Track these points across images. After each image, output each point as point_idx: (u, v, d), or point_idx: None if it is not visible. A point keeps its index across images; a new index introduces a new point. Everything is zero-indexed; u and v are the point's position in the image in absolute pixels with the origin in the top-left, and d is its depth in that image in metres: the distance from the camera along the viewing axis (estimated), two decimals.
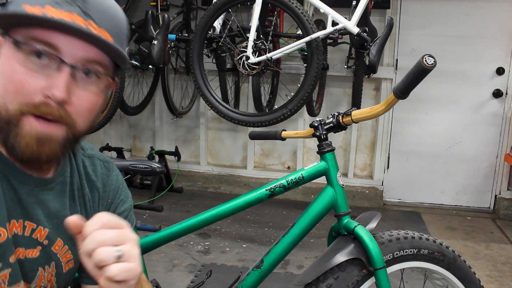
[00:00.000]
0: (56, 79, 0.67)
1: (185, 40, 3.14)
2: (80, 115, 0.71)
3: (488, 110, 3.56)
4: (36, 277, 0.77)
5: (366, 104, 3.50)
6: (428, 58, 0.99)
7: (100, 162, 0.90)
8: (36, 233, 0.76)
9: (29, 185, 0.75)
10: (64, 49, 0.68)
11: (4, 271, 0.71)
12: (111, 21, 0.72)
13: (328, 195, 1.28)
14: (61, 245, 0.80)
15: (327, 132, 1.31)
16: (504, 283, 2.44)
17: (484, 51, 3.47)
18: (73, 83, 0.69)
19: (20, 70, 0.67)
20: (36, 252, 0.76)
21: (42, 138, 0.68)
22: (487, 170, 3.64)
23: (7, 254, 0.71)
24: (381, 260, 1.15)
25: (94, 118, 0.76)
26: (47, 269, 0.78)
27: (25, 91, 0.67)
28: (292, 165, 3.97)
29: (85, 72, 0.70)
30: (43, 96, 0.67)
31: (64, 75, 0.67)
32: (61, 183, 0.81)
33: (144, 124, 4.17)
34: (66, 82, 0.67)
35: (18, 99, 0.67)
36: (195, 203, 3.54)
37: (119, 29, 0.74)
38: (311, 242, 2.79)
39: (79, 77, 0.70)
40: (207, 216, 1.30)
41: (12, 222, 0.72)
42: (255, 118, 2.55)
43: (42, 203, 0.77)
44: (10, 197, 0.72)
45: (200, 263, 2.51)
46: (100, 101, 0.75)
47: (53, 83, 0.67)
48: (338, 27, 2.31)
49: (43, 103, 0.67)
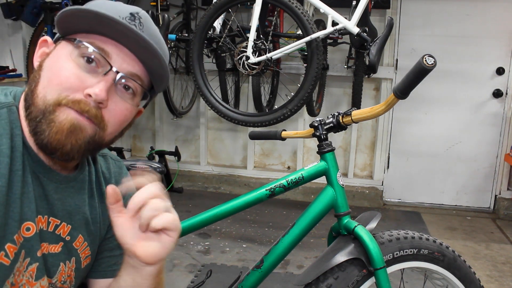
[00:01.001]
0: (100, 82, 0.71)
1: (185, 40, 3.14)
2: (112, 122, 0.75)
3: (488, 110, 3.56)
4: (58, 272, 0.79)
5: (366, 104, 3.50)
6: (428, 58, 0.99)
7: (112, 161, 0.93)
8: (59, 229, 0.78)
9: (55, 182, 0.77)
10: (115, 58, 0.73)
11: (32, 266, 0.74)
12: (161, 48, 0.76)
13: (328, 195, 1.28)
14: (82, 241, 0.82)
15: (327, 132, 1.31)
16: (504, 283, 2.44)
17: (484, 51, 3.47)
18: (114, 90, 0.74)
19: (69, 66, 0.71)
20: (58, 247, 0.79)
21: (73, 127, 0.70)
22: (487, 170, 3.64)
23: (35, 248, 0.73)
24: (381, 260, 1.15)
25: (121, 130, 0.79)
26: (68, 264, 0.81)
27: (68, 86, 0.70)
28: (292, 165, 3.97)
29: (125, 87, 0.75)
30: (84, 95, 0.70)
31: (108, 79, 0.72)
32: (81, 181, 0.83)
33: (144, 124, 4.17)
34: (109, 85, 0.72)
35: (59, 91, 0.70)
36: (195, 203, 3.54)
37: (165, 58, 0.79)
38: (311, 242, 2.79)
39: (119, 88, 0.75)
40: (207, 216, 1.31)
41: (39, 217, 0.74)
42: (255, 118, 2.55)
43: (66, 199, 0.79)
44: (38, 194, 0.74)
45: (200, 263, 2.51)
46: (130, 115, 0.78)
47: (97, 84, 0.71)
48: (338, 27, 2.31)
49: (83, 101, 0.70)
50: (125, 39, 0.72)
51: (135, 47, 0.73)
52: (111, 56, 0.73)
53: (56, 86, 0.70)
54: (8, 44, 3.45)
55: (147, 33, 0.74)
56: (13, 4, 3.16)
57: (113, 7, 0.74)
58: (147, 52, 0.73)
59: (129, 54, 0.74)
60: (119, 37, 0.72)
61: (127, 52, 0.74)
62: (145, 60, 0.75)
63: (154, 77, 0.79)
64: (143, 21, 0.76)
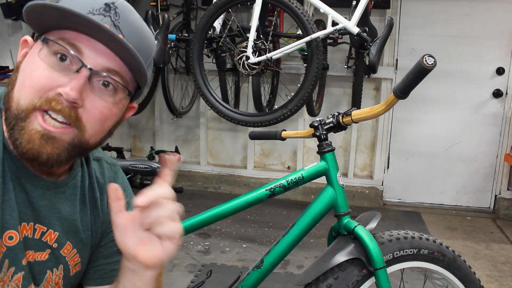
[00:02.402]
0: (72, 80, 0.67)
1: (185, 40, 3.14)
2: (91, 122, 0.70)
3: (488, 110, 3.56)
4: (44, 280, 0.77)
5: (366, 104, 3.50)
6: (428, 58, 0.99)
7: (107, 165, 0.90)
8: (46, 236, 0.76)
9: (41, 188, 0.74)
10: (87, 54, 0.69)
11: (18, 275, 0.71)
12: (139, 41, 0.73)
13: (328, 195, 1.28)
14: (70, 248, 0.80)
15: (327, 132, 1.31)
16: (504, 283, 2.44)
17: (484, 51, 3.47)
18: (89, 89, 0.69)
19: (42, 66, 0.68)
20: (45, 255, 0.76)
21: (45, 136, 0.67)
22: (487, 170, 3.64)
23: (19, 257, 0.71)
24: (381, 260, 1.15)
25: (106, 130, 0.75)
26: (55, 272, 0.79)
27: (39, 88, 0.67)
28: (292, 165, 3.97)
29: (104, 83, 0.71)
30: (56, 94, 0.67)
31: (81, 76, 0.68)
32: (73, 187, 0.80)
33: (144, 124, 4.17)
34: (82, 83, 0.68)
35: (32, 94, 0.67)
36: (195, 203, 3.54)
37: (146, 50, 0.75)
38: (311, 242, 2.79)
39: (97, 85, 0.70)
40: (207, 216, 1.31)
41: (23, 225, 0.72)
42: (255, 118, 2.55)
43: (54, 206, 0.77)
44: (21, 200, 0.72)
45: (200, 263, 2.51)
46: (113, 113, 0.74)
47: (68, 83, 0.67)
48: (338, 27, 2.31)
49: (54, 99, 0.67)
50: (95, 33, 0.68)
51: (106, 41, 0.68)
52: (83, 52, 0.68)
53: (28, 89, 0.67)
54: (8, 44, 3.45)
55: (124, 23, 0.70)
56: (13, 4, 3.16)
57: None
58: (118, 45, 0.68)
59: (103, 48, 0.69)
60: (89, 31, 0.67)
61: (100, 47, 0.69)
62: (119, 54, 0.70)
63: (133, 70, 0.73)
64: (119, 11, 0.71)
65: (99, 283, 0.88)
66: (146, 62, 0.75)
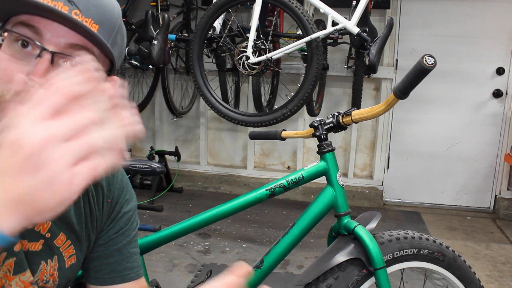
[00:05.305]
0: (35, 66, 0.66)
1: (185, 40, 3.14)
2: None
3: (488, 110, 3.56)
4: (39, 271, 0.77)
5: (366, 104, 3.50)
6: (428, 58, 0.99)
7: None
8: (38, 226, 0.76)
9: None
10: (47, 35, 0.67)
11: (9, 260, 0.71)
12: (100, 12, 0.70)
13: (328, 195, 1.28)
14: (64, 239, 0.80)
15: (327, 132, 1.31)
16: (504, 283, 2.44)
17: (484, 51, 3.47)
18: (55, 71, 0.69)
19: (4, 57, 0.66)
20: (39, 245, 0.76)
21: None
22: (487, 170, 3.64)
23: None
24: (381, 260, 1.15)
25: None
26: (50, 263, 0.79)
27: (8, 79, 0.66)
28: (292, 165, 3.97)
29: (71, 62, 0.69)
30: (23, 83, 0.65)
31: (43, 61, 0.66)
32: None
33: (144, 124, 4.02)
34: (45, 67, 0.66)
35: (1, 87, 0.66)
36: (195, 203, 3.54)
37: (108, 21, 0.72)
38: (311, 242, 2.79)
39: (64, 66, 0.68)
40: (207, 216, 1.30)
41: None
42: (255, 118, 2.55)
43: None
44: None
45: (200, 263, 2.51)
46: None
47: (33, 70, 0.66)
48: (338, 27, 2.31)
49: (23, 90, 0.65)
50: (47, 13, 0.65)
51: (59, 20, 0.66)
52: (42, 33, 0.66)
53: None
54: None
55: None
56: None
57: None
58: (71, 23, 0.66)
59: (62, 26, 0.67)
60: (41, 12, 0.65)
61: (58, 25, 0.66)
62: (76, 31, 0.67)
63: (97, 44, 0.70)
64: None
65: (101, 283, 0.87)
66: (111, 34, 0.73)
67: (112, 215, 0.88)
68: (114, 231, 0.88)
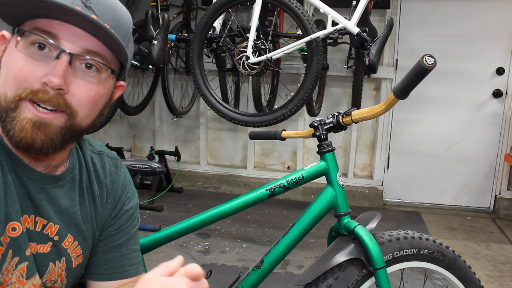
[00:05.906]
0: (54, 67, 0.68)
1: (185, 40, 3.14)
2: (81, 105, 0.71)
3: (488, 110, 3.56)
4: (47, 272, 0.78)
5: (366, 104, 3.50)
6: (428, 58, 0.99)
7: (108, 159, 0.91)
8: (47, 228, 0.77)
9: (38, 182, 0.75)
10: (64, 39, 0.69)
11: (22, 265, 0.72)
12: (114, 19, 0.72)
13: (328, 195, 1.28)
14: (71, 240, 0.81)
15: (327, 132, 1.31)
16: (504, 283, 2.44)
17: (484, 51, 3.47)
18: (72, 73, 0.70)
19: (22, 58, 0.68)
20: (47, 247, 0.77)
21: (37, 123, 0.68)
22: (487, 170, 3.64)
23: (23, 247, 0.72)
24: (381, 260, 1.15)
25: (97, 111, 0.76)
26: (58, 264, 0.80)
27: (24, 78, 0.67)
28: (292, 165, 3.97)
29: (86, 66, 0.71)
30: (41, 84, 0.67)
31: (61, 62, 0.68)
32: (71, 180, 0.81)
33: (144, 124, 4.17)
34: (64, 69, 0.68)
35: (17, 86, 0.67)
36: (195, 203, 3.54)
37: (122, 27, 0.75)
38: (311, 242, 2.79)
39: (79, 68, 0.71)
40: (207, 216, 1.31)
41: (24, 217, 0.73)
42: (255, 118, 2.55)
43: (53, 199, 0.77)
44: (21, 193, 0.73)
45: (200, 263, 2.51)
46: (101, 93, 0.74)
47: (51, 71, 0.67)
48: (338, 27, 2.31)
49: (41, 90, 0.67)
50: (67, 17, 0.67)
51: (80, 23, 0.68)
52: (60, 37, 0.68)
53: (12, 81, 0.67)
54: None
55: (95, 3, 0.70)
56: None
57: None
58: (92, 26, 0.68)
59: (79, 31, 0.69)
60: (61, 16, 0.67)
61: (76, 30, 0.69)
62: (95, 34, 0.70)
63: (112, 49, 0.73)
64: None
65: (99, 278, 0.89)
66: (125, 39, 0.75)
67: (114, 212, 0.89)
68: (114, 228, 0.89)
